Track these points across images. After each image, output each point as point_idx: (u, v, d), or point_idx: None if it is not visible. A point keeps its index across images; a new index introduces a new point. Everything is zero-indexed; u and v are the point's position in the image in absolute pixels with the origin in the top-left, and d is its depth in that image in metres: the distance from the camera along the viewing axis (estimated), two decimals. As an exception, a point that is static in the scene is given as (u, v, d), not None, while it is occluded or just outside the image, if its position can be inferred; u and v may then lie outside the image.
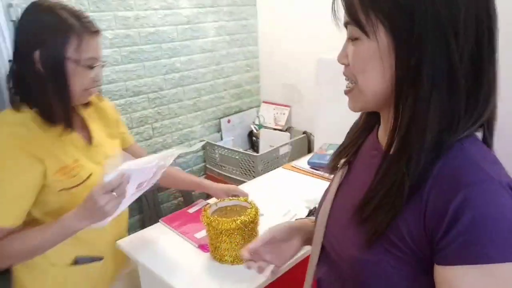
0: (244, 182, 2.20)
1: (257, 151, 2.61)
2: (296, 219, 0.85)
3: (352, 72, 0.56)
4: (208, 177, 2.56)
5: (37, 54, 0.90)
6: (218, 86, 2.53)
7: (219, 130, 2.58)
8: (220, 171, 2.42)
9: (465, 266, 0.45)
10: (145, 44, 2.10)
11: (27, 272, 1.05)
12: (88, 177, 1.01)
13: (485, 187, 0.46)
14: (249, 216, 1.06)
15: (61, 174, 0.96)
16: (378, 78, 0.53)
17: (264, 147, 2.53)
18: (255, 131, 2.65)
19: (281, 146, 2.29)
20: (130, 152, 1.22)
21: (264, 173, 2.20)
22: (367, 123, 0.68)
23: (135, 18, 2.02)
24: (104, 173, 0.87)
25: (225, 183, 2.39)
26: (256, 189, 1.57)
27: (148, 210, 2.26)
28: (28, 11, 0.94)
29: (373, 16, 0.51)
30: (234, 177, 2.33)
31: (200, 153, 2.53)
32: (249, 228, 1.06)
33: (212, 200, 1.34)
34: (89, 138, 1.07)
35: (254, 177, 2.20)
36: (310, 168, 1.67)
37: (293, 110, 2.60)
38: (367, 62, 0.53)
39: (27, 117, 0.94)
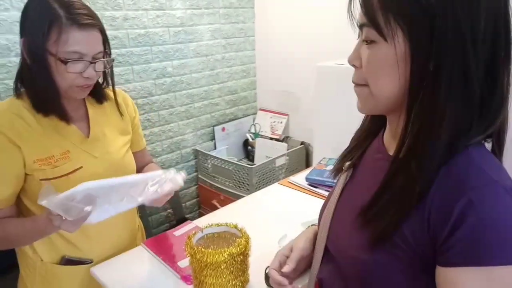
0: (238, 195, 2.08)
1: (252, 160, 2.48)
2: (311, 225, 0.84)
3: (365, 75, 0.55)
4: (200, 188, 2.43)
5: (22, 41, 0.90)
6: (213, 92, 2.40)
7: (213, 139, 2.45)
8: (212, 182, 2.29)
9: (468, 267, 0.46)
10: (135, 46, 1.97)
11: (24, 266, 1.07)
12: (75, 170, 0.97)
13: (490, 190, 0.46)
14: (238, 248, 0.92)
15: (44, 163, 0.94)
16: (391, 83, 0.52)
17: (259, 157, 2.40)
18: (250, 140, 2.52)
19: (277, 157, 2.16)
20: (137, 156, 1.18)
21: (259, 185, 2.08)
22: (373, 127, 0.69)
23: (123, 19, 1.89)
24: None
25: (217, 194, 2.28)
26: (249, 208, 1.44)
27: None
28: None
29: (393, 20, 0.49)
30: (227, 189, 2.19)
31: (192, 162, 2.39)
32: (238, 261, 0.93)
33: (204, 220, 1.20)
34: (89, 132, 1.03)
35: (248, 189, 2.08)
36: (308, 185, 1.54)
37: (290, 118, 2.47)
38: (383, 66, 0.52)
39: (23, 104, 0.94)
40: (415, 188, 0.50)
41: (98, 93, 1.05)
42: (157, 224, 2.29)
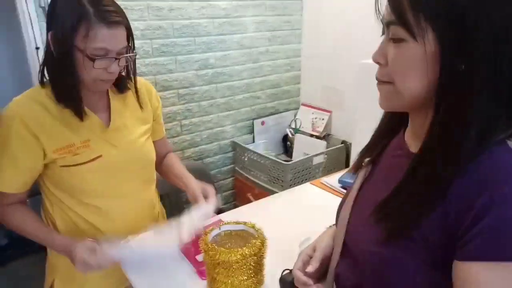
0: (272, 190, 2.06)
1: (290, 156, 2.43)
2: (332, 225, 0.83)
3: (390, 73, 0.54)
4: (236, 181, 2.43)
5: (50, 34, 0.91)
6: (254, 85, 2.38)
7: (252, 132, 2.43)
8: (248, 175, 2.28)
9: (485, 262, 0.46)
10: (178, 37, 1.99)
11: (52, 251, 1.12)
12: (93, 159, 1.01)
13: (511, 188, 0.46)
14: (252, 249, 0.90)
15: (65, 151, 0.98)
16: (419, 82, 0.52)
17: (297, 153, 2.35)
18: (290, 135, 2.48)
19: (315, 155, 2.10)
20: (157, 145, 1.21)
21: (294, 183, 2.04)
22: (393, 124, 0.68)
23: (169, 9, 1.92)
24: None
25: (252, 188, 2.27)
26: (275, 207, 1.41)
27: (170, 210, 2.17)
28: None
29: (423, 19, 0.49)
30: (261, 183, 2.17)
31: (230, 154, 2.40)
32: (252, 262, 0.91)
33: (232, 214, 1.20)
34: (108, 122, 1.05)
35: (282, 186, 2.04)
36: (341, 187, 1.47)
37: (333, 115, 2.39)
38: (411, 65, 0.52)
39: (46, 94, 0.97)
40: (440, 184, 0.50)
41: (120, 83, 1.07)
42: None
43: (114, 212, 1.08)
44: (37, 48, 1.58)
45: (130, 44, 0.97)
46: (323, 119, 2.42)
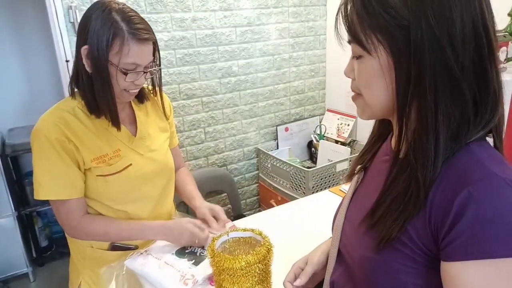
0: (294, 197, 2.05)
1: (315, 163, 2.41)
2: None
3: (357, 86, 0.58)
4: (260, 186, 2.44)
5: (84, 49, 0.95)
6: (278, 92, 2.38)
7: (276, 138, 2.44)
8: (271, 182, 2.28)
9: (469, 261, 0.46)
10: (202, 46, 2.04)
11: (75, 251, 1.15)
12: (125, 168, 1.05)
13: (489, 183, 0.47)
14: (256, 256, 0.90)
15: (99, 161, 1.01)
16: (382, 92, 0.55)
17: (322, 160, 2.32)
18: (315, 141, 2.46)
19: (338, 162, 2.07)
20: (172, 154, 1.25)
21: (317, 190, 2.02)
22: (382, 130, 0.70)
23: (192, 20, 1.97)
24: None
25: (275, 195, 2.28)
26: (289, 214, 1.41)
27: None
28: (91, 7, 0.98)
29: (372, 35, 0.52)
30: (284, 190, 2.17)
31: (254, 161, 2.42)
32: (257, 269, 0.91)
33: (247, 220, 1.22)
34: (135, 131, 1.10)
35: (304, 193, 2.03)
36: (359, 195, 1.44)
37: (359, 121, 2.35)
38: (371, 78, 0.55)
39: (77, 105, 1.01)
40: (420, 188, 0.51)
41: (140, 94, 1.11)
42: (217, 218, 2.36)
43: (139, 215, 1.13)
44: (67, 61, 1.68)
45: (155, 60, 1.01)
46: (348, 124, 2.38)
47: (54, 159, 0.97)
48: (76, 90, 1.03)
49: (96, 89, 0.97)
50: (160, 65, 1.05)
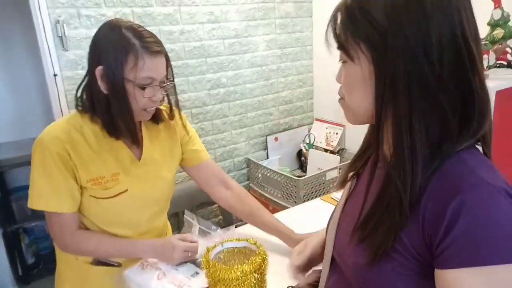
0: (286, 207, 2.05)
1: (305, 172, 2.43)
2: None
3: (342, 91, 0.61)
4: (251, 197, 2.44)
5: (99, 70, 0.93)
6: (267, 102, 2.41)
7: (265, 148, 2.45)
8: (262, 192, 2.29)
9: (462, 269, 0.46)
10: (190, 58, 2.06)
11: (62, 262, 1.14)
12: (120, 193, 1.02)
13: (481, 191, 0.47)
14: (252, 265, 0.90)
15: (95, 183, 1.00)
16: (362, 97, 0.56)
17: (312, 169, 2.34)
18: (304, 150, 2.48)
19: (328, 170, 2.09)
20: (203, 169, 1.22)
21: (308, 198, 2.03)
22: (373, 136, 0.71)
23: (180, 32, 1.99)
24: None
25: (267, 204, 2.28)
26: (285, 223, 1.41)
27: (187, 227, 2.20)
28: (100, 28, 0.97)
29: (354, 42, 0.54)
30: (275, 199, 2.18)
31: (244, 171, 2.42)
32: (253, 278, 0.91)
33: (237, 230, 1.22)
34: (140, 155, 1.07)
35: (295, 202, 2.04)
36: (351, 202, 1.46)
37: (347, 130, 2.38)
38: (353, 84, 0.57)
39: (85, 124, 1.00)
40: (402, 197, 0.51)
41: (156, 115, 1.09)
42: (209, 229, 2.35)
43: (128, 236, 1.10)
44: (55, 75, 1.67)
45: (168, 75, 1.00)
46: (337, 133, 2.42)
47: (54, 172, 0.96)
48: (85, 110, 1.00)
49: (114, 110, 0.96)
50: (173, 80, 1.02)
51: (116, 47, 0.92)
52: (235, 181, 1.30)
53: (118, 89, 0.93)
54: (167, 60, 0.99)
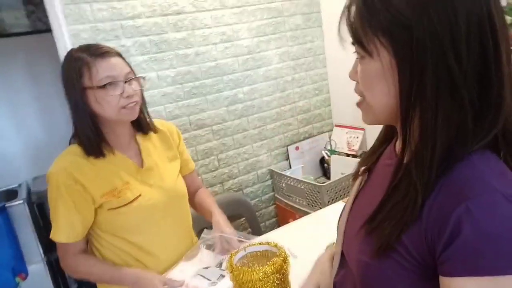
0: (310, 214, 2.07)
1: (329, 178, 2.44)
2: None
3: (360, 89, 0.57)
4: (278, 207, 2.47)
5: (66, 94, 1.05)
6: (284, 113, 2.45)
7: (287, 158, 2.49)
8: (288, 202, 2.32)
9: (467, 277, 0.45)
10: (207, 78, 2.15)
11: (101, 285, 1.20)
12: (135, 199, 1.10)
13: (487, 199, 0.45)
14: (273, 267, 0.94)
15: (109, 196, 1.07)
16: (384, 95, 0.54)
17: (335, 174, 2.35)
18: (326, 157, 2.49)
19: (350, 174, 2.09)
20: (187, 179, 1.30)
21: (333, 204, 2.03)
22: (388, 133, 0.70)
23: (195, 54, 2.09)
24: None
25: (293, 213, 2.30)
26: (304, 228, 1.44)
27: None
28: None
29: (374, 36, 0.51)
30: (301, 208, 2.20)
31: (269, 182, 2.46)
32: (275, 279, 0.94)
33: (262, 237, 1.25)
34: (142, 163, 1.15)
35: (320, 208, 2.05)
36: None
37: (367, 133, 2.38)
38: (373, 80, 0.54)
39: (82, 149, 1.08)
40: (417, 197, 0.50)
41: (142, 125, 1.17)
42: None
43: (157, 248, 1.16)
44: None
45: (134, 74, 1.08)
46: (357, 137, 2.42)
47: (58, 203, 1.04)
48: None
49: (77, 124, 1.05)
50: (136, 75, 1.08)
51: (70, 69, 1.02)
52: (203, 186, 1.42)
53: (78, 101, 1.01)
54: (123, 59, 1.07)
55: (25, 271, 2.24)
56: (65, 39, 1.72)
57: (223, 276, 1.09)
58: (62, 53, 1.74)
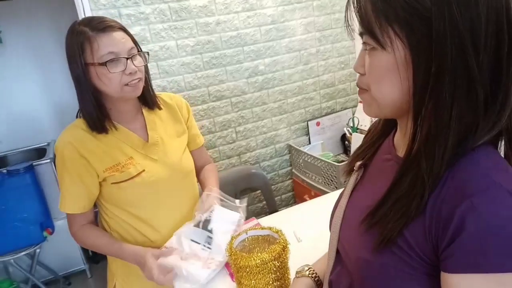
0: (327, 192, 2.04)
1: (349, 156, 2.38)
2: (300, 271, 0.84)
3: (367, 81, 0.55)
4: (294, 182, 2.46)
5: (70, 69, 1.03)
6: (307, 87, 2.38)
7: (307, 133, 2.44)
8: (304, 178, 2.29)
9: (470, 274, 0.45)
10: (227, 48, 2.09)
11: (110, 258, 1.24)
12: (138, 174, 1.10)
13: (491, 195, 0.45)
14: (271, 254, 0.93)
15: (112, 170, 1.08)
16: (394, 88, 0.52)
17: (355, 153, 2.29)
18: (348, 134, 2.42)
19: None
20: (194, 155, 1.29)
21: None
22: (385, 127, 0.68)
23: (216, 23, 2.03)
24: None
25: (309, 190, 2.28)
26: (313, 208, 1.42)
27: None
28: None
29: (389, 27, 0.49)
30: (317, 185, 2.17)
31: (287, 157, 2.44)
32: (273, 266, 0.94)
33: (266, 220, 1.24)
34: (147, 138, 1.15)
35: (336, 187, 2.02)
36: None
37: (392, 111, 2.28)
38: (384, 73, 0.52)
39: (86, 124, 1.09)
40: (425, 190, 0.49)
41: (147, 100, 1.16)
42: (253, 215, 2.41)
43: (160, 223, 1.17)
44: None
45: (137, 46, 1.05)
46: (381, 115, 2.33)
47: (64, 176, 1.06)
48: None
49: (80, 99, 1.04)
50: (141, 50, 1.06)
51: (72, 43, 0.99)
52: (212, 162, 1.41)
53: (80, 76, 0.99)
54: (127, 33, 1.04)
55: (52, 227, 2.37)
56: (83, 4, 1.71)
57: (210, 237, 1.09)
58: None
